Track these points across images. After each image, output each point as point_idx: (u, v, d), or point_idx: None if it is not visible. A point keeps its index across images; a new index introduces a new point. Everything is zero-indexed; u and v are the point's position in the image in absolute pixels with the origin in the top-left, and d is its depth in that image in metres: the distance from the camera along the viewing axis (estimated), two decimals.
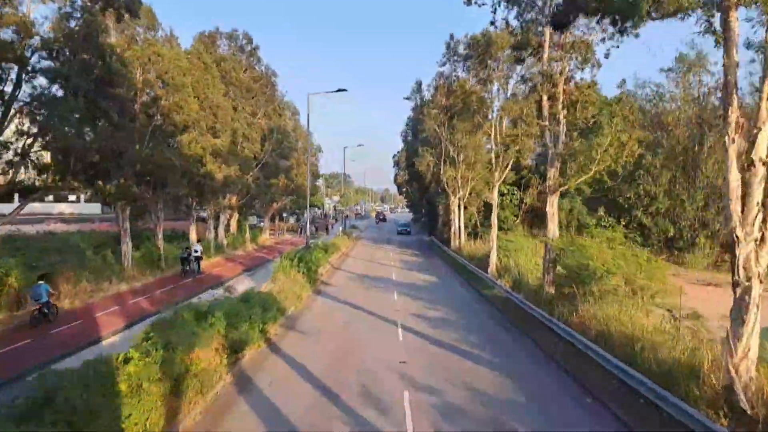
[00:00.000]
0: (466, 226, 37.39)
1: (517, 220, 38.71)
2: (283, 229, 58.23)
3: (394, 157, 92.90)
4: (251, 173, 37.31)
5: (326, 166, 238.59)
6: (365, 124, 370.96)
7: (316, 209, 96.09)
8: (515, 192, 38.63)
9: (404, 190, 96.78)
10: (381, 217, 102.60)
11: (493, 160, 24.02)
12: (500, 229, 38.38)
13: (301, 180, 50.32)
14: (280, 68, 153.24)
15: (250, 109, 35.89)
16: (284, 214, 61.75)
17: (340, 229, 52.18)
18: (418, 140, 41.92)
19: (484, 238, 36.85)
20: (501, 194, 38.32)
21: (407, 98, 41.95)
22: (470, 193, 35.46)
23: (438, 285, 24.90)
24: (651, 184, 33.73)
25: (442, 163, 35.52)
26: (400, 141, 72.06)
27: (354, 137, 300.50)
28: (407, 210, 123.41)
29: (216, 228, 36.99)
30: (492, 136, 23.95)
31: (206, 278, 25.71)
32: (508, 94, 23.08)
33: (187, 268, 26.03)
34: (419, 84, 41.43)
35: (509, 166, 24.15)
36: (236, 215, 42.21)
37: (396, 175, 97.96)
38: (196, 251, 27.06)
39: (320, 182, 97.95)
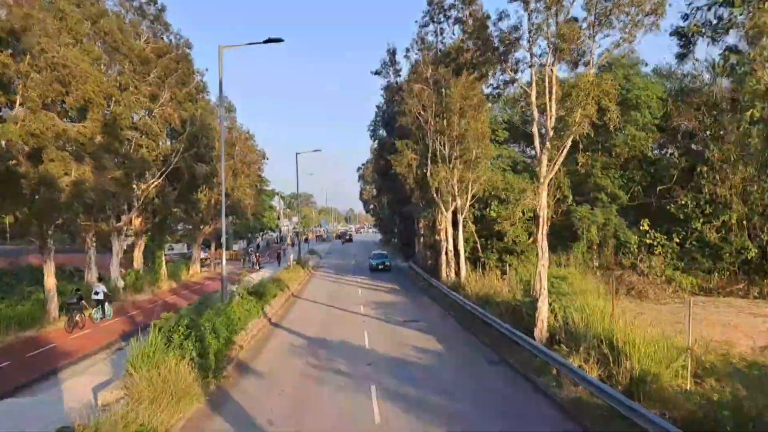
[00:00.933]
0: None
1: (530, 240, 28.44)
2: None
3: (358, 170, 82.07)
4: (152, 182, 25.68)
5: (285, 188, 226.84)
6: (331, 142, 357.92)
7: (271, 232, 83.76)
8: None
9: (371, 207, 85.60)
10: (347, 238, 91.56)
11: (536, 140, 13.63)
12: (510, 252, 28.10)
13: (239, 194, 38.88)
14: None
15: (149, 91, 24.40)
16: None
17: (292, 256, 40.62)
18: (394, 133, 31.08)
19: (489, 267, 26.36)
20: (501, 201, 28.23)
21: (377, 73, 31.06)
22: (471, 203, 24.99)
23: (448, 363, 13.99)
24: (717, 185, 24.28)
25: (429, 162, 24.87)
26: (368, 140, 60.43)
27: (312, 146, 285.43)
28: (374, 230, 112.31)
29: (94, 262, 24.93)
30: (532, 97, 13.61)
31: (40, 359, 14.70)
32: (561, 19, 12.89)
33: (77, 319, 18.28)
34: (392, 52, 30.78)
35: (566, 149, 13.66)
36: (142, 243, 30.10)
37: (362, 190, 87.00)
38: (96, 293, 20.23)
39: (276, 201, 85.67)
